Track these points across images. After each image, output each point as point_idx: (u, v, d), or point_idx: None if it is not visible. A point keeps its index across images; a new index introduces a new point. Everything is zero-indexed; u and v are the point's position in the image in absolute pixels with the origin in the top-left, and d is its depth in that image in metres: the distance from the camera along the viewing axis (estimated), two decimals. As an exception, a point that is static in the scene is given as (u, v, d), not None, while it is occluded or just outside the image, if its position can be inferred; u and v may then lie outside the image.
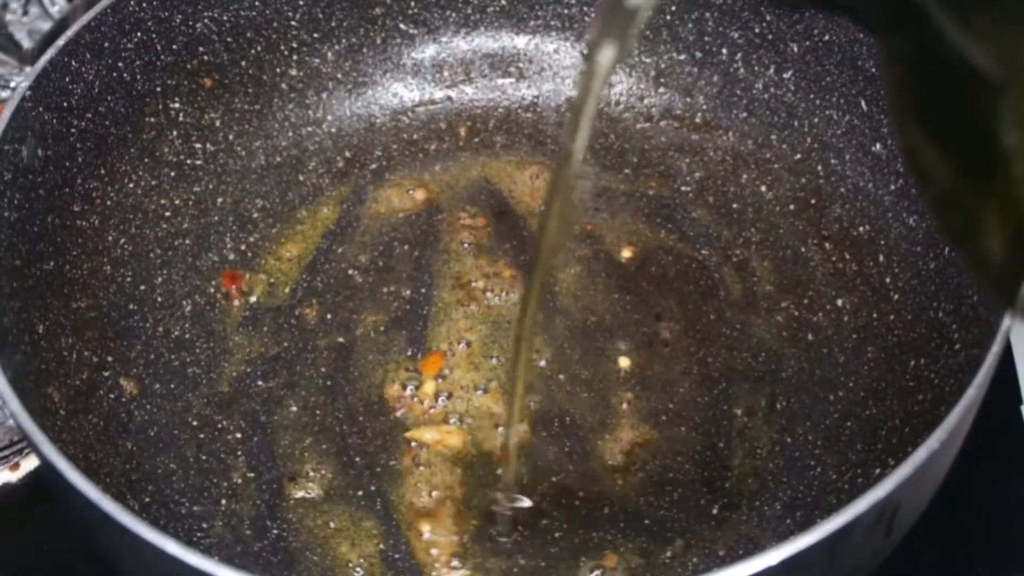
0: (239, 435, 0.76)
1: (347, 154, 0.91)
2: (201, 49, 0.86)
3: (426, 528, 0.72)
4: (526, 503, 0.72)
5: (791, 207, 0.85)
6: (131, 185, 0.83)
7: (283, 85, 0.90)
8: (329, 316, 0.82)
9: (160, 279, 0.82)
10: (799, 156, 0.86)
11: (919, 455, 0.56)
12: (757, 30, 0.87)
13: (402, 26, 0.92)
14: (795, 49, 0.86)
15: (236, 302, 0.82)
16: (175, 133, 0.85)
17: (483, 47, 0.94)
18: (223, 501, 0.73)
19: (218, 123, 0.88)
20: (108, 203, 0.81)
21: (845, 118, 0.83)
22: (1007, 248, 0.40)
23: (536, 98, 0.93)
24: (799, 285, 0.82)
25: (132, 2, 0.81)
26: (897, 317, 0.76)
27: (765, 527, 0.71)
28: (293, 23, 0.89)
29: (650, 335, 0.80)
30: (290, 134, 0.90)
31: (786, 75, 0.87)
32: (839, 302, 0.80)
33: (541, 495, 0.73)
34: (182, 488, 0.73)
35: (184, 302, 0.82)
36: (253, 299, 0.83)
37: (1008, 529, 0.77)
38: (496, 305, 0.82)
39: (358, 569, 0.70)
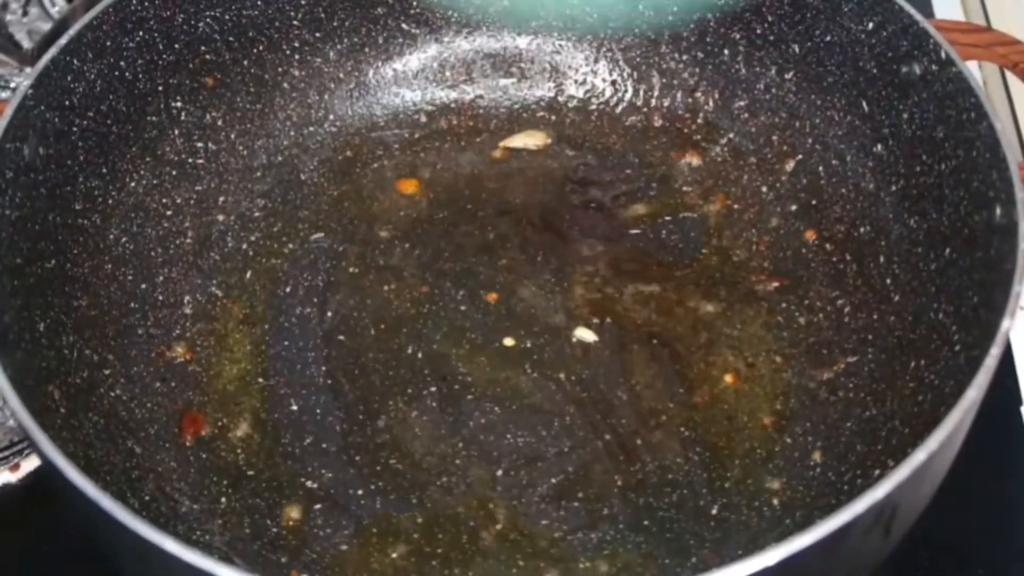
0: (239, 433, 0.76)
1: (348, 153, 0.91)
2: (203, 48, 0.86)
3: (424, 527, 0.72)
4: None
5: (792, 207, 0.85)
6: (132, 184, 0.83)
7: (285, 84, 0.90)
8: (330, 315, 0.82)
9: (161, 278, 0.82)
10: (800, 157, 0.86)
11: (918, 456, 0.56)
12: (759, 31, 0.87)
13: (404, 26, 0.92)
14: (796, 50, 0.86)
15: (237, 302, 0.83)
16: (177, 132, 0.86)
17: (485, 47, 0.94)
18: (223, 499, 0.73)
19: (220, 122, 0.88)
20: (109, 202, 0.81)
21: (846, 119, 0.83)
22: None
23: (538, 98, 0.93)
24: (799, 285, 0.82)
25: (134, 1, 0.81)
26: (897, 318, 0.76)
27: (764, 527, 0.71)
28: (295, 22, 0.90)
29: (650, 335, 0.80)
30: (292, 133, 0.90)
31: (787, 76, 0.87)
32: (839, 302, 0.80)
33: (540, 496, 0.73)
34: (182, 487, 0.73)
35: (185, 301, 0.82)
36: (254, 298, 0.83)
37: (1008, 530, 0.77)
38: (498, 304, 0.82)
39: (357, 568, 0.70)
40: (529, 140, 0.90)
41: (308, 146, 0.90)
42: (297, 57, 0.90)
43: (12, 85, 0.97)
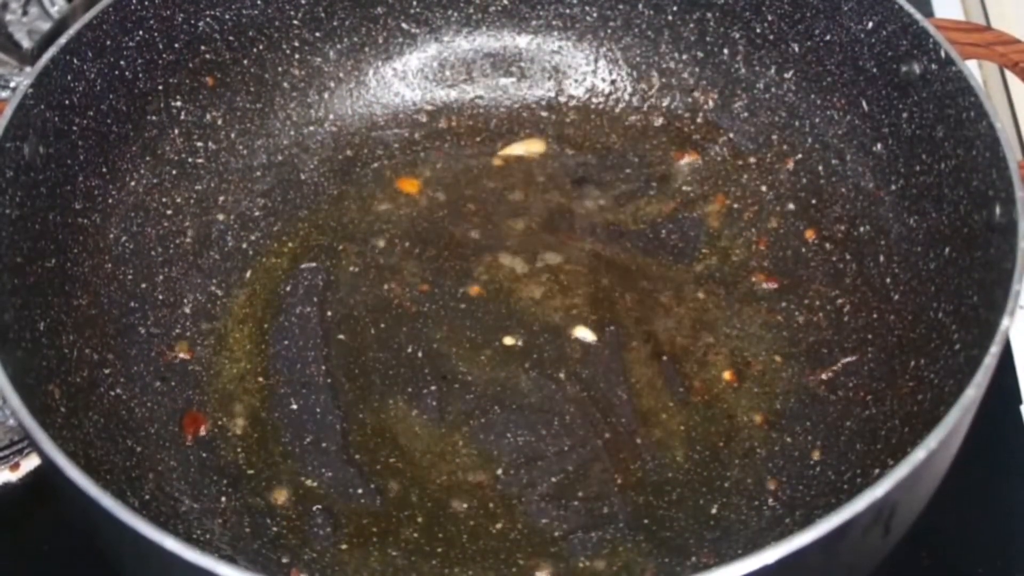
0: (239, 432, 0.76)
1: (348, 153, 0.91)
2: (203, 48, 0.86)
3: (424, 526, 0.72)
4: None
5: (791, 207, 0.85)
6: (132, 183, 0.83)
7: (285, 84, 0.90)
8: (330, 314, 0.82)
9: (161, 277, 0.82)
10: (800, 156, 0.86)
11: (917, 455, 0.56)
12: (758, 30, 0.87)
13: (404, 25, 0.93)
14: (796, 49, 0.86)
15: (237, 301, 0.83)
16: (177, 131, 0.86)
17: (485, 47, 0.94)
18: (223, 499, 0.73)
19: (220, 122, 0.88)
20: (109, 201, 0.81)
21: (846, 118, 0.83)
22: None
23: (538, 98, 0.93)
24: (799, 285, 0.82)
25: (134, 1, 0.81)
26: (897, 317, 0.76)
27: (764, 526, 0.71)
28: (295, 22, 0.90)
29: (650, 335, 0.80)
30: (292, 133, 0.90)
31: (787, 75, 0.87)
32: (839, 302, 0.80)
33: (540, 495, 0.73)
34: (182, 486, 0.73)
35: (185, 300, 0.82)
36: (254, 297, 0.83)
37: (1007, 529, 0.77)
38: (498, 302, 0.82)
39: (357, 568, 0.70)
40: (528, 148, 0.91)
41: (308, 146, 0.90)
42: (297, 57, 0.90)
43: (12, 85, 0.97)
